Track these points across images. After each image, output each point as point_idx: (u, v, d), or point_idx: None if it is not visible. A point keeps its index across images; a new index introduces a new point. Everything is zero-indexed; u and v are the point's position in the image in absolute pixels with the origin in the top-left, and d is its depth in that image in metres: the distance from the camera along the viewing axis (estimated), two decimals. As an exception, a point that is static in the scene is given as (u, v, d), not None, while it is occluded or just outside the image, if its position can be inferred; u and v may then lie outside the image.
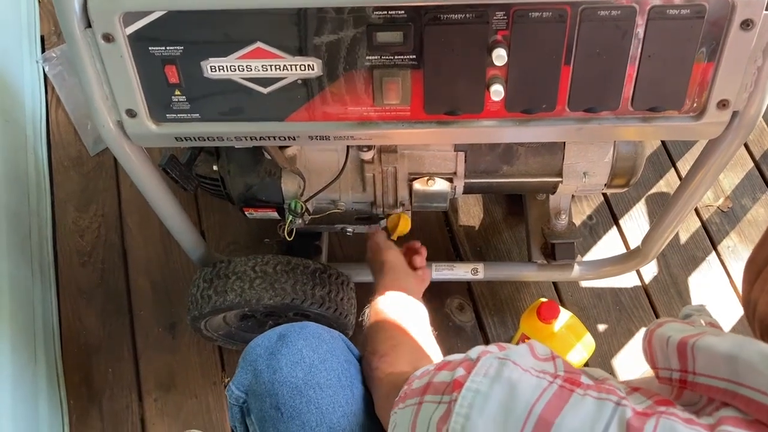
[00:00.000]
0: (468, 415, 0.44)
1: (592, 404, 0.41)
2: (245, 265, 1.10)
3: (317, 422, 0.75)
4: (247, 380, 0.79)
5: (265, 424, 0.76)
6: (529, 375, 0.45)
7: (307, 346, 0.79)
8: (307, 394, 0.75)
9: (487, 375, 0.46)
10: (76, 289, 1.42)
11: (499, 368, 0.46)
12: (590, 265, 1.28)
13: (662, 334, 0.46)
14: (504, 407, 0.43)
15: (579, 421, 0.40)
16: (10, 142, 1.38)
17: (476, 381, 0.46)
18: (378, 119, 0.83)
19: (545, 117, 0.82)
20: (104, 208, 1.50)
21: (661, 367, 0.47)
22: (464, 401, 0.45)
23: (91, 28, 0.74)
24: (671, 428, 0.38)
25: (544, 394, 0.43)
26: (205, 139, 0.85)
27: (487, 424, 0.43)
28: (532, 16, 0.73)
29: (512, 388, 0.44)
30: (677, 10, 0.73)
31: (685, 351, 0.44)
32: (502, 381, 0.45)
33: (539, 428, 0.41)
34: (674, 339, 0.45)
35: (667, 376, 0.46)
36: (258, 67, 0.78)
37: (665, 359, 0.46)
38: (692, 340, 0.43)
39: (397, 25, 0.74)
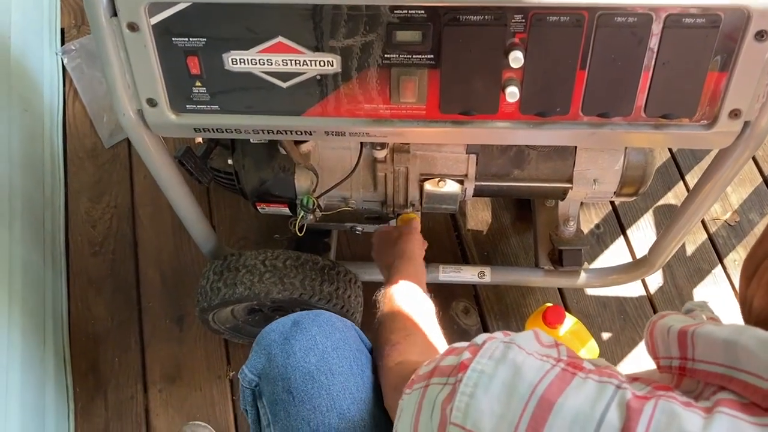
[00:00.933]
0: (472, 394, 0.45)
1: (593, 386, 0.42)
2: (255, 259, 1.11)
3: (328, 407, 0.76)
4: (260, 364, 0.80)
5: (276, 407, 0.78)
6: (533, 358, 0.46)
7: (320, 333, 0.81)
8: (319, 380, 0.77)
9: (492, 357, 0.47)
10: (86, 279, 1.44)
11: (504, 351, 0.47)
12: (597, 272, 1.28)
13: (664, 325, 0.47)
14: (508, 387, 0.44)
15: (580, 402, 0.41)
16: (27, 131, 1.40)
17: (481, 363, 0.47)
18: (393, 117, 0.84)
19: (559, 120, 0.83)
20: (117, 199, 1.52)
21: (661, 356, 0.48)
22: (469, 381, 0.46)
23: (116, 17, 0.76)
24: (670, 410, 0.40)
25: (547, 376, 0.44)
26: (223, 131, 0.87)
27: (491, 402, 0.44)
28: (550, 20, 0.75)
29: (516, 369, 0.45)
30: (693, 19, 0.74)
31: (685, 339, 0.45)
32: (507, 362, 0.46)
33: (541, 407, 0.42)
34: (675, 328, 0.46)
35: (667, 365, 0.48)
36: (278, 61, 0.79)
37: (666, 348, 0.47)
38: (692, 329, 0.44)
39: (416, 25, 0.76)
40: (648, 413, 0.39)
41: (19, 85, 1.39)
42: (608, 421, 0.40)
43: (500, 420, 0.43)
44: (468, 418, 0.45)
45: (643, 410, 0.40)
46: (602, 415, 0.40)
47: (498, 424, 0.43)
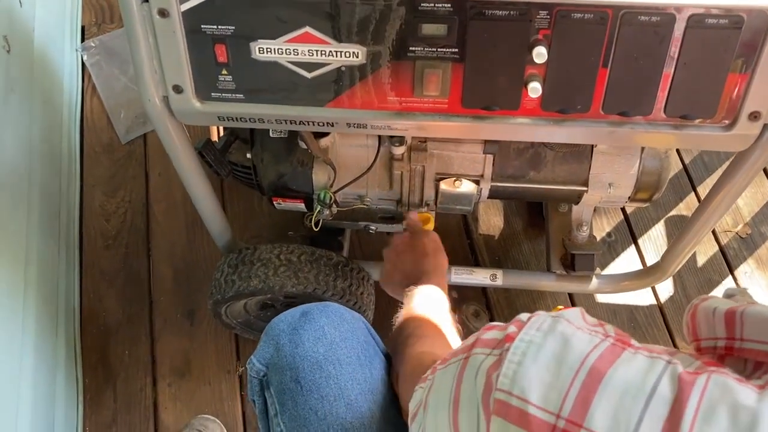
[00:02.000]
0: (521, 362, 0.45)
1: (644, 360, 0.42)
2: (270, 253, 1.12)
3: (335, 396, 0.76)
4: (268, 354, 0.81)
5: (283, 396, 0.78)
6: (581, 332, 0.46)
7: (329, 323, 0.81)
8: (327, 370, 0.77)
9: (541, 329, 0.47)
10: (99, 271, 1.44)
11: (552, 324, 0.47)
12: (608, 278, 1.29)
13: (708, 306, 0.47)
14: (557, 357, 0.44)
15: (631, 373, 0.41)
16: (47, 122, 1.42)
17: (529, 333, 0.47)
18: (416, 110, 0.85)
19: (579, 118, 0.84)
20: (131, 194, 1.53)
21: (704, 337, 0.48)
22: (517, 350, 0.46)
23: (147, 3, 0.77)
24: (723, 383, 0.39)
25: (597, 349, 0.43)
26: (247, 120, 0.88)
27: (539, 370, 0.44)
28: (574, 17, 0.75)
29: (565, 340, 0.45)
30: (715, 19, 0.75)
31: (733, 319, 0.45)
32: (556, 334, 0.46)
33: (592, 377, 0.42)
34: (721, 309, 0.46)
35: (710, 346, 0.47)
36: (305, 51, 0.80)
37: (710, 329, 0.47)
38: (741, 309, 0.45)
39: (442, 18, 0.77)
40: (701, 385, 0.39)
41: (40, 77, 1.40)
42: (660, 392, 0.40)
43: (549, 388, 0.43)
44: (515, 385, 0.44)
45: (695, 383, 0.39)
46: (654, 387, 0.40)
47: (547, 392, 0.43)
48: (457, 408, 0.50)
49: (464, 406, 0.50)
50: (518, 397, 0.44)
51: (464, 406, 0.50)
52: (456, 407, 0.51)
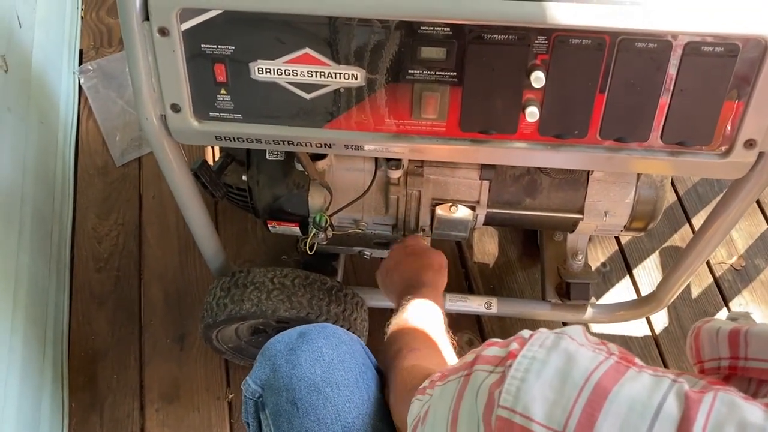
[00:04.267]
0: (524, 378, 0.44)
1: (650, 378, 0.42)
2: (264, 276, 1.11)
3: (332, 419, 0.75)
4: (264, 375, 0.79)
5: (279, 418, 0.76)
6: (585, 348, 0.45)
7: (327, 344, 0.80)
8: (324, 392, 0.76)
9: (544, 345, 0.46)
10: (89, 294, 1.43)
11: (555, 340, 0.46)
12: (603, 308, 1.28)
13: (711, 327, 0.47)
14: (561, 373, 0.43)
15: (637, 391, 0.41)
16: (42, 143, 1.41)
17: (532, 350, 0.46)
18: (413, 133, 0.85)
19: (576, 143, 0.84)
20: (124, 217, 1.52)
21: (707, 359, 0.48)
22: (520, 366, 0.45)
23: (148, 21, 0.78)
24: (730, 401, 0.39)
25: (601, 365, 0.43)
26: (244, 140, 0.88)
27: (543, 387, 0.43)
28: (572, 42, 0.76)
29: (570, 357, 0.44)
30: (711, 47, 0.76)
31: (737, 338, 0.45)
32: (560, 350, 0.45)
33: (596, 394, 0.41)
34: (725, 329, 0.46)
35: (714, 366, 0.47)
36: (304, 72, 0.81)
37: (714, 350, 0.47)
38: (745, 329, 0.44)
39: (441, 42, 0.77)
40: (708, 403, 0.39)
41: (37, 98, 1.40)
42: (666, 409, 0.39)
43: (553, 406, 0.42)
44: (519, 402, 0.44)
45: (702, 400, 0.39)
46: (660, 404, 0.40)
47: (551, 409, 0.42)
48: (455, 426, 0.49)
49: (463, 423, 0.49)
50: (521, 414, 0.43)
51: (463, 423, 0.49)
52: (454, 425, 0.50)
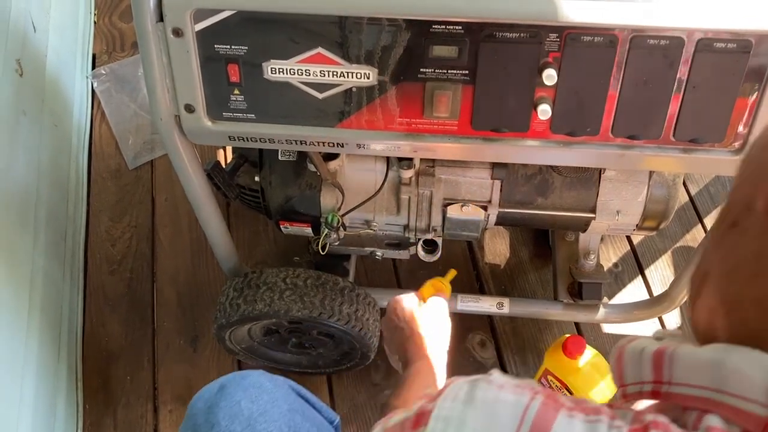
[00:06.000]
0: None
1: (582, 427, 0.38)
2: (276, 277, 1.11)
3: None
4: None
5: None
6: (505, 391, 0.40)
7: (246, 397, 0.79)
8: None
9: (457, 399, 0.40)
10: (103, 296, 1.44)
11: (470, 391, 0.40)
12: (616, 307, 1.28)
13: (635, 347, 0.42)
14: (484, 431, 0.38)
15: None
16: (56, 147, 1.43)
17: (445, 407, 0.40)
18: (425, 131, 0.85)
19: (589, 141, 0.84)
20: (137, 219, 1.53)
21: (630, 382, 0.43)
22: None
23: (162, 22, 0.78)
24: None
25: (528, 413, 0.38)
26: (257, 140, 0.88)
27: None
28: (584, 39, 0.76)
29: (490, 411, 0.39)
30: (724, 43, 0.76)
31: (661, 360, 0.40)
32: (476, 404, 0.39)
33: None
34: (650, 349, 0.41)
35: (636, 391, 0.42)
36: (316, 72, 0.81)
37: (637, 372, 0.42)
38: (671, 349, 0.40)
39: (453, 40, 0.78)
40: None
41: (51, 102, 1.42)
42: None
43: None
44: None
45: None
46: None
47: None
48: None
49: None
50: None
51: None
52: None
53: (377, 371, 1.34)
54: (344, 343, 1.21)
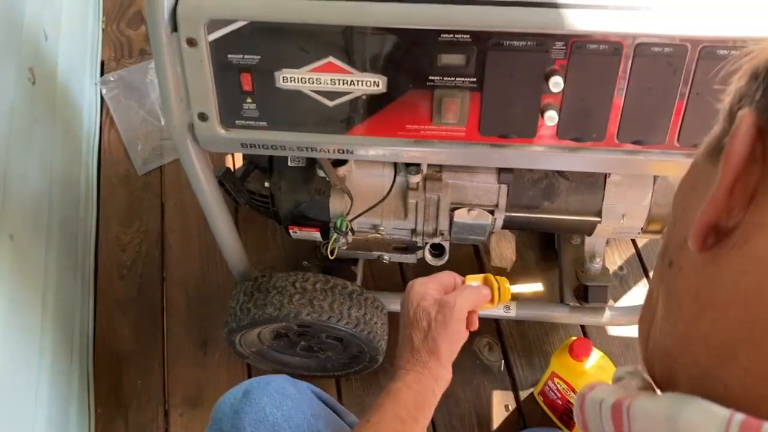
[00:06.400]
0: None
1: None
2: (286, 281, 1.13)
3: None
4: None
5: None
6: None
7: (270, 403, 0.80)
8: None
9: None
10: (113, 301, 1.45)
11: None
12: (622, 310, 1.29)
13: (594, 398, 0.41)
14: None
15: None
16: (67, 154, 1.44)
17: None
18: (433, 138, 0.87)
19: (594, 146, 0.86)
20: (147, 225, 1.55)
21: None
22: None
23: (176, 33, 0.80)
24: None
25: None
26: (269, 147, 0.90)
27: None
28: (590, 47, 0.78)
29: None
30: (726, 50, 0.77)
31: (620, 415, 0.38)
32: None
33: None
34: (608, 402, 0.39)
35: None
36: (327, 80, 0.83)
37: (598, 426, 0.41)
38: (627, 403, 0.38)
39: (460, 49, 0.79)
40: None
41: (62, 109, 1.44)
42: None
43: None
44: None
45: None
46: None
47: None
48: None
49: None
50: None
51: None
52: None
53: (385, 374, 1.35)
54: (353, 346, 1.23)
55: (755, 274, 0.31)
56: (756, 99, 0.33)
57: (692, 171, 0.39)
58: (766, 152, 0.32)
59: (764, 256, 0.30)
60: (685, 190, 0.39)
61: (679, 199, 0.39)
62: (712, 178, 0.33)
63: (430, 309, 0.81)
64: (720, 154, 0.33)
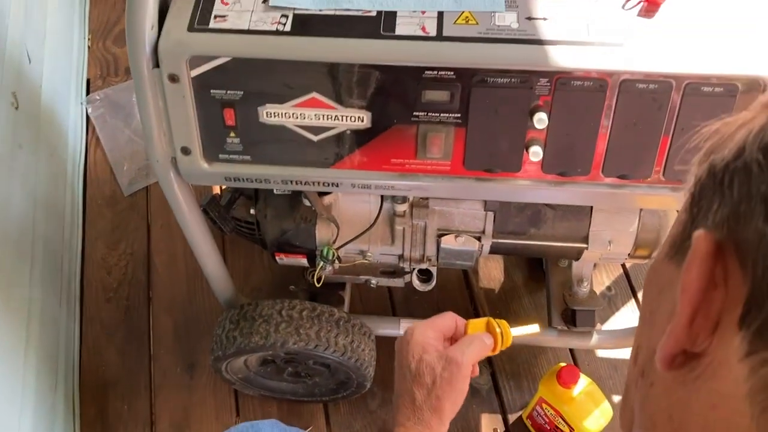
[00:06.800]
0: None
1: None
2: (272, 309, 1.12)
3: None
4: None
5: None
6: None
7: None
8: None
9: None
10: (99, 324, 1.44)
11: None
12: (610, 333, 1.29)
13: None
14: None
15: None
16: (52, 176, 1.43)
17: None
18: (419, 171, 0.87)
19: (580, 180, 0.85)
20: (133, 246, 1.54)
21: None
22: None
23: (158, 68, 0.79)
24: None
25: None
26: (253, 181, 0.89)
27: None
28: (574, 84, 0.78)
29: None
30: (711, 87, 0.77)
31: None
32: None
33: None
34: None
35: None
36: (311, 115, 0.82)
37: None
38: None
39: (445, 85, 0.79)
40: None
41: (46, 132, 1.42)
42: None
43: None
44: None
45: None
46: None
47: None
48: None
49: None
50: None
51: None
52: None
53: (374, 398, 1.35)
54: (340, 372, 1.22)
55: (724, 413, 0.29)
56: (713, 209, 0.31)
57: (656, 272, 0.37)
58: (728, 276, 0.29)
59: (733, 395, 0.29)
60: (651, 293, 0.37)
61: (647, 302, 0.37)
62: (677, 280, 0.31)
63: (434, 364, 0.75)
64: (683, 254, 0.32)
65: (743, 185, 0.30)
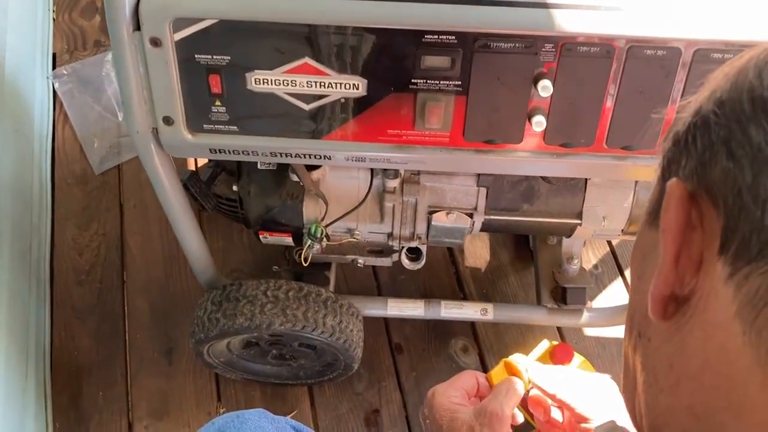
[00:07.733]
0: None
1: None
2: (257, 289, 1.08)
3: None
4: None
5: None
6: None
7: None
8: None
9: None
10: (71, 308, 1.38)
11: None
12: (600, 311, 1.27)
13: None
14: None
15: None
16: (18, 154, 1.36)
17: None
18: (416, 143, 0.83)
19: (583, 152, 0.82)
20: (105, 227, 1.48)
21: None
22: None
23: (139, 32, 0.74)
24: None
25: None
26: (240, 153, 0.84)
27: None
28: (580, 50, 0.74)
29: None
30: (720, 54, 0.74)
31: None
32: None
33: None
34: None
35: None
36: (303, 82, 0.78)
37: None
38: None
39: (445, 50, 0.75)
40: None
41: (11, 106, 1.35)
42: None
43: None
44: None
45: None
46: None
47: None
48: None
49: None
50: None
51: None
52: None
53: (360, 380, 1.31)
54: (327, 354, 1.18)
55: (718, 339, 0.31)
56: (682, 165, 0.34)
57: (639, 239, 0.39)
58: (703, 217, 0.32)
59: (724, 319, 0.30)
60: (637, 258, 0.39)
61: (634, 268, 0.39)
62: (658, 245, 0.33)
63: (472, 422, 0.69)
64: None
65: (704, 137, 0.32)
